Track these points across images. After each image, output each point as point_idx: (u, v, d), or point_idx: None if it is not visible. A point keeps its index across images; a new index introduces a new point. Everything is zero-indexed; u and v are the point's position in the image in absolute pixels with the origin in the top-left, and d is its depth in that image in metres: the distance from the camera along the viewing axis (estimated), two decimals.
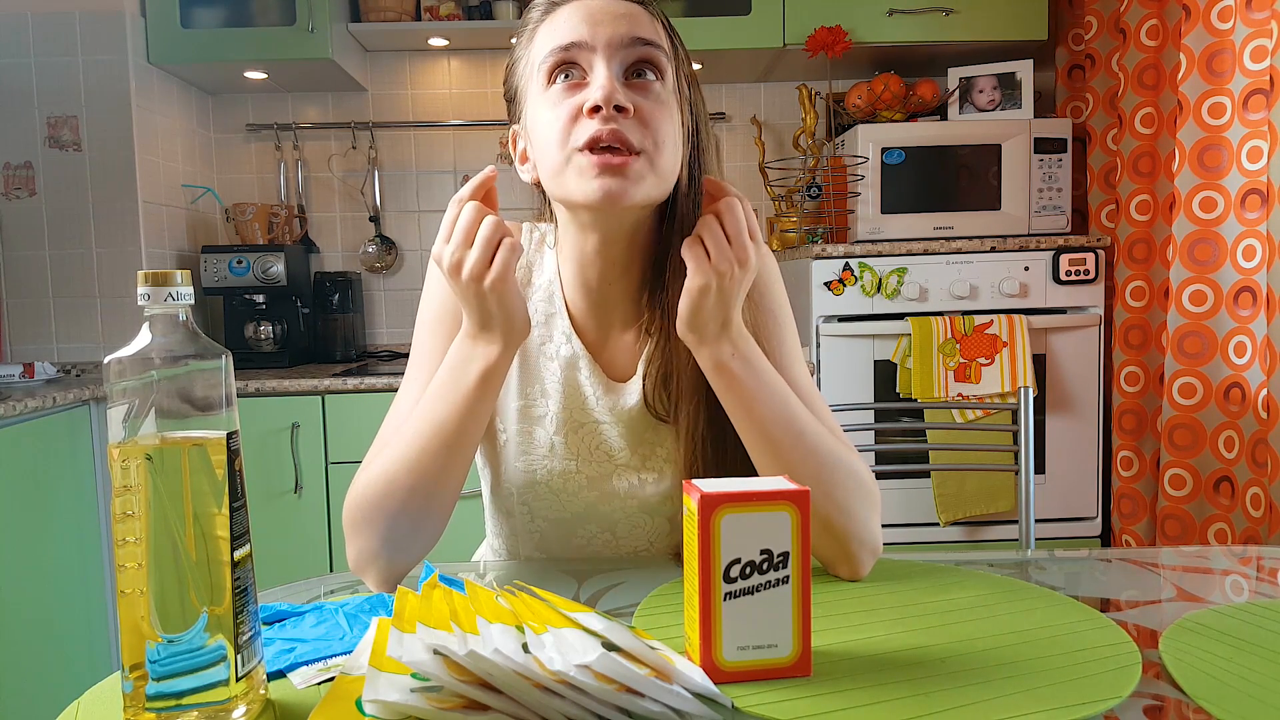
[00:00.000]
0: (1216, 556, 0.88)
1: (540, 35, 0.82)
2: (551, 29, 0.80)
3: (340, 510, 2.17)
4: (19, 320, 2.33)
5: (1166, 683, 0.59)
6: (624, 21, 0.79)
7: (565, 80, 0.79)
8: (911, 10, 2.37)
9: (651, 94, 0.79)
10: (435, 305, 0.91)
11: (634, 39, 0.79)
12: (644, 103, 0.78)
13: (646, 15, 0.82)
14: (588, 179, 0.76)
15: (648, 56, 0.80)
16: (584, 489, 0.91)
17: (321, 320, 2.63)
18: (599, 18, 0.79)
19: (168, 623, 0.53)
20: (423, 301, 0.93)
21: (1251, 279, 1.84)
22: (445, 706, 0.52)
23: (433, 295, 0.92)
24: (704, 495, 0.59)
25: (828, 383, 2.15)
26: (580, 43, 0.78)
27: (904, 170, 2.27)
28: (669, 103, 0.81)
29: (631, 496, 0.91)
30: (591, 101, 0.76)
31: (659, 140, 0.78)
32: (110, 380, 0.53)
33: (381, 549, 0.80)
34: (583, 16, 0.79)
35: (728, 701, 0.57)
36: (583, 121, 0.76)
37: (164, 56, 2.34)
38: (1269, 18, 1.78)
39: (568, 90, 0.78)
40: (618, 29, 0.78)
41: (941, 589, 0.77)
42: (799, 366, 0.91)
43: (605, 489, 0.91)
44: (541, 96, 0.80)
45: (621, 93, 0.76)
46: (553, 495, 0.91)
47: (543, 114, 0.80)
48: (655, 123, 0.78)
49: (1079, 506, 2.22)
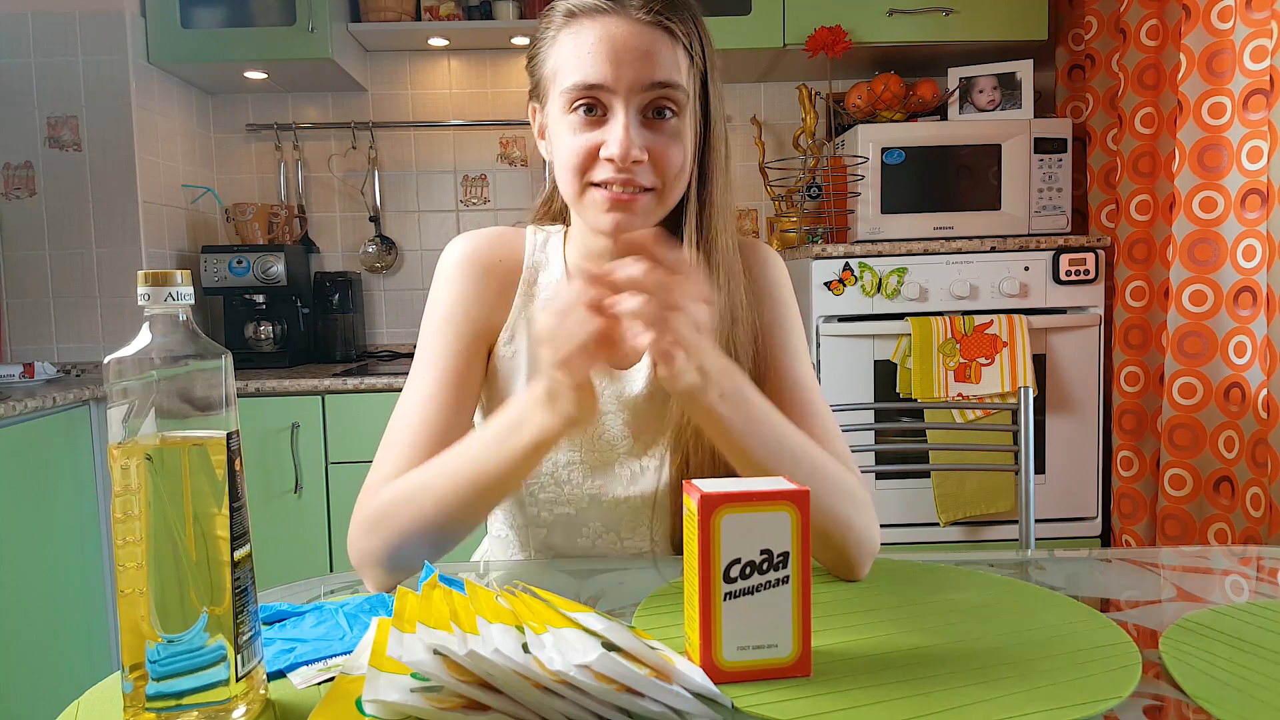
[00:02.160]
0: (1216, 556, 0.88)
1: (564, 45, 0.83)
2: (575, 50, 0.82)
3: (340, 510, 2.18)
4: (19, 320, 2.33)
5: (1166, 683, 0.59)
6: (646, 63, 0.81)
7: (586, 115, 0.82)
8: (911, 10, 2.37)
9: (666, 132, 0.83)
10: (443, 305, 0.92)
11: (653, 83, 0.81)
12: (657, 144, 0.82)
13: (668, 42, 0.82)
14: (600, 211, 0.83)
15: (666, 98, 0.82)
16: (586, 478, 0.92)
17: (321, 320, 2.63)
18: (622, 56, 0.80)
19: (168, 623, 0.52)
20: (430, 301, 0.93)
21: (1251, 279, 1.84)
22: (445, 706, 0.52)
23: (440, 295, 0.92)
24: (704, 495, 0.59)
25: (828, 383, 2.15)
26: (602, 85, 0.81)
27: (904, 170, 2.27)
28: (681, 133, 0.84)
29: (634, 485, 0.92)
30: (608, 153, 0.81)
31: (668, 178, 0.83)
32: (110, 380, 0.53)
33: (386, 559, 0.81)
34: (606, 54, 0.81)
35: (728, 701, 0.57)
36: (600, 164, 0.82)
37: (164, 56, 2.34)
38: (1269, 18, 1.78)
39: (587, 125, 0.83)
40: (640, 73, 0.81)
41: (941, 589, 0.77)
42: (803, 366, 0.92)
43: (607, 477, 0.92)
44: (562, 118, 0.84)
45: (638, 144, 0.81)
46: (556, 486, 0.92)
47: (563, 135, 0.84)
48: (666, 162, 0.83)
49: (1079, 506, 2.22)
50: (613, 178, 0.82)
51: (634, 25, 0.81)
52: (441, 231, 2.76)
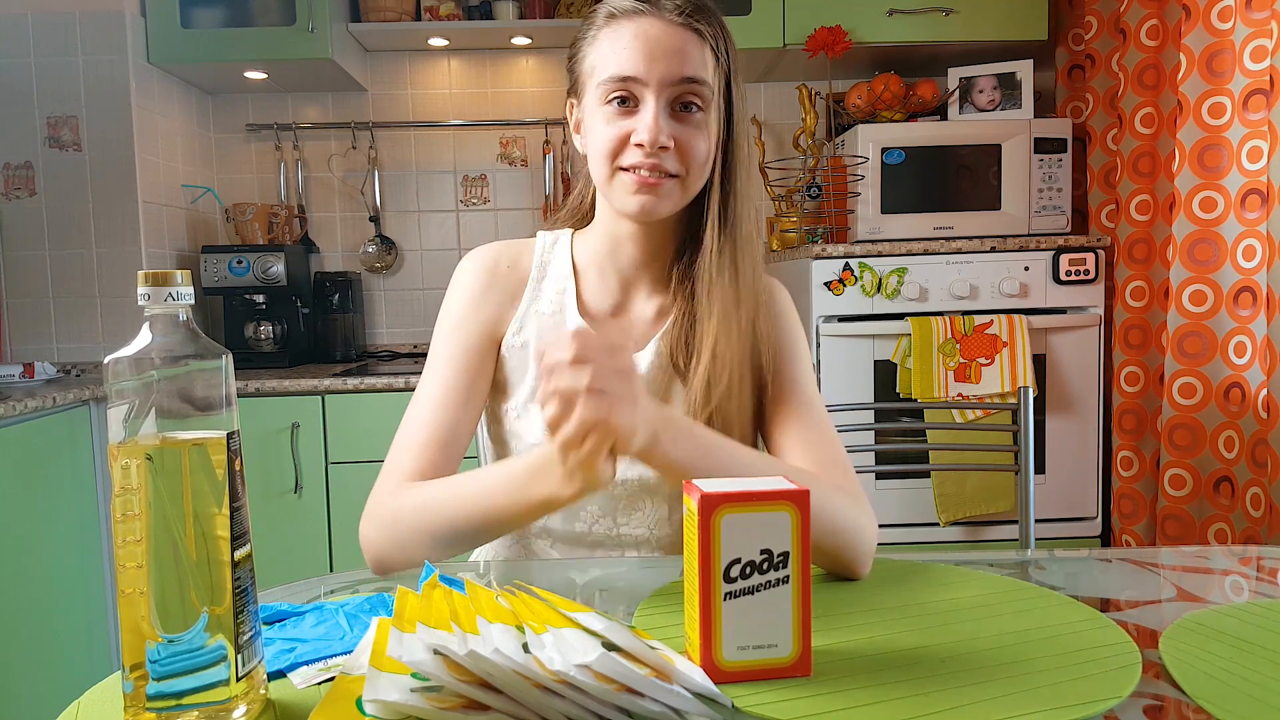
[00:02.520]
0: (1216, 556, 0.88)
1: (603, 43, 0.92)
2: (613, 46, 0.90)
3: (340, 510, 2.18)
4: (19, 320, 2.33)
5: (1166, 683, 0.59)
6: (676, 59, 0.89)
7: (619, 106, 0.91)
8: (911, 10, 2.37)
9: (692, 124, 0.90)
10: (456, 309, 0.98)
11: (682, 78, 0.89)
12: (683, 134, 0.90)
13: (697, 42, 0.90)
14: (628, 194, 0.91)
15: (693, 93, 0.90)
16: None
17: (321, 320, 2.63)
18: (655, 52, 0.88)
19: (168, 623, 0.52)
20: (444, 305, 1.00)
21: (1251, 279, 1.84)
22: (445, 706, 0.52)
23: (453, 301, 0.99)
24: (704, 495, 0.59)
25: (828, 383, 2.15)
26: (635, 77, 0.89)
27: (904, 170, 2.27)
28: (705, 125, 0.91)
29: (631, 468, 0.94)
30: (638, 139, 0.89)
31: (691, 166, 0.91)
32: (110, 380, 0.53)
33: (390, 554, 0.87)
34: (641, 50, 0.89)
35: (728, 701, 0.57)
36: (630, 149, 0.90)
37: (164, 56, 2.34)
38: (1269, 18, 1.78)
39: (620, 114, 0.91)
40: (671, 68, 0.88)
41: (941, 589, 0.77)
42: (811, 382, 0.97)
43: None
44: (598, 109, 0.92)
45: (665, 132, 0.88)
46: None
47: (597, 125, 0.92)
48: (691, 151, 0.90)
49: (1079, 506, 2.22)
50: (641, 162, 0.89)
51: (667, 26, 0.89)
52: (441, 231, 2.76)
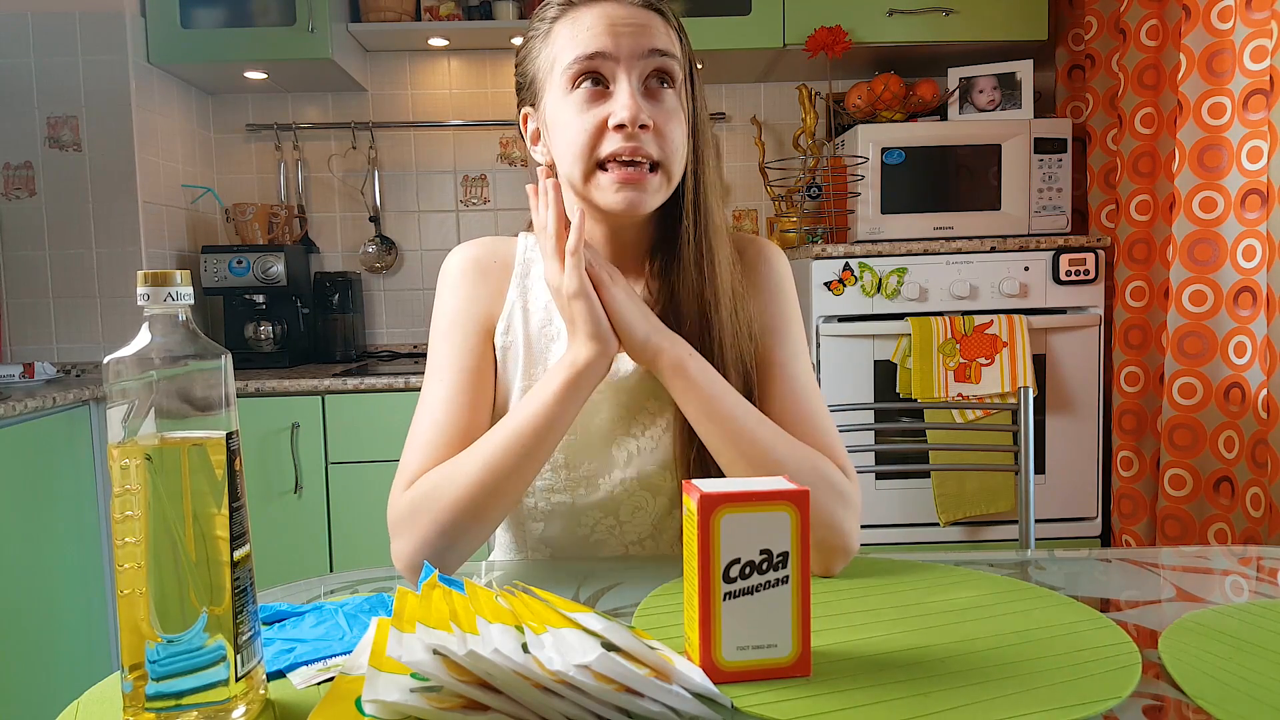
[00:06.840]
0: (1216, 556, 0.88)
1: (560, 34, 0.87)
2: (573, 32, 0.85)
3: (340, 510, 2.18)
4: (19, 320, 2.33)
5: (1166, 683, 0.59)
6: (642, 33, 0.85)
7: (591, 87, 0.85)
8: (911, 10, 2.37)
9: (666, 103, 0.86)
10: (449, 308, 0.96)
11: (651, 50, 0.85)
12: (659, 114, 0.85)
13: (661, 22, 0.87)
14: (611, 192, 0.85)
15: (663, 67, 0.86)
16: (584, 462, 0.94)
17: (321, 320, 2.63)
18: (620, 29, 0.84)
19: (167, 623, 0.52)
20: (436, 307, 0.97)
21: (1251, 279, 1.84)
22: (445, 706, 0.52)
23: (445, 303, 0.96)
24: (704, 495, 0.59)
25: (828, 383, 2.15)
26: (604, 53, 0.84)
27: (904, 170, 2.27)
28: (679, 109, 0.87)
29: (630, 466, 0.93)
30: (617, 119, 0.83)
31: (671, 151, 0.86)
32: (110, 380, 0.53)
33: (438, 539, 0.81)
34: (604, 27, 0.84)
35: (727, 701, 0.57)
36: (608, 136, 0.84)
37: (164, 56, 2.34)
38: (1269, 18, 1.78)
39: (591, 99, 0.85)
40: (638, 41, 0.84)
41: (941, 589, 0.77)
42: (801, 362, 0.94)
43: (604, 460, 0.94)
44: (564, 99, 0.86)
45: (644, 111, 0.83)
46: (552, 472, 0.94)
47: (566, 117, 0.86)
48: (669, 133, 0.86)
49: (1079, 506, 2.22)
50: (621, 147, 0.83)
51: (628, 7, 0.86)
52: (441, 232, 2.76)
